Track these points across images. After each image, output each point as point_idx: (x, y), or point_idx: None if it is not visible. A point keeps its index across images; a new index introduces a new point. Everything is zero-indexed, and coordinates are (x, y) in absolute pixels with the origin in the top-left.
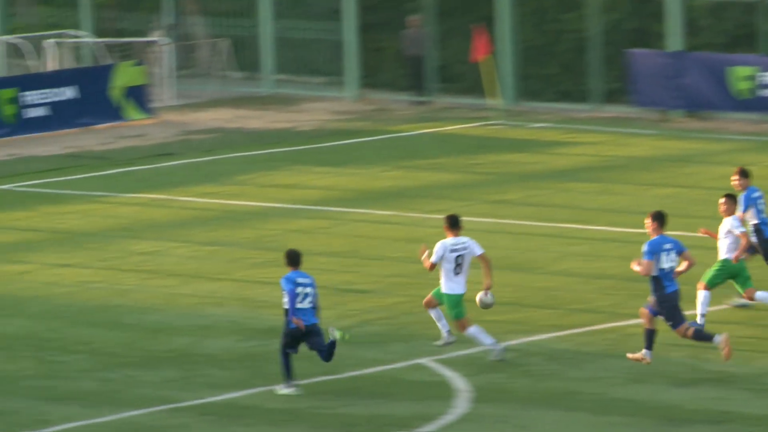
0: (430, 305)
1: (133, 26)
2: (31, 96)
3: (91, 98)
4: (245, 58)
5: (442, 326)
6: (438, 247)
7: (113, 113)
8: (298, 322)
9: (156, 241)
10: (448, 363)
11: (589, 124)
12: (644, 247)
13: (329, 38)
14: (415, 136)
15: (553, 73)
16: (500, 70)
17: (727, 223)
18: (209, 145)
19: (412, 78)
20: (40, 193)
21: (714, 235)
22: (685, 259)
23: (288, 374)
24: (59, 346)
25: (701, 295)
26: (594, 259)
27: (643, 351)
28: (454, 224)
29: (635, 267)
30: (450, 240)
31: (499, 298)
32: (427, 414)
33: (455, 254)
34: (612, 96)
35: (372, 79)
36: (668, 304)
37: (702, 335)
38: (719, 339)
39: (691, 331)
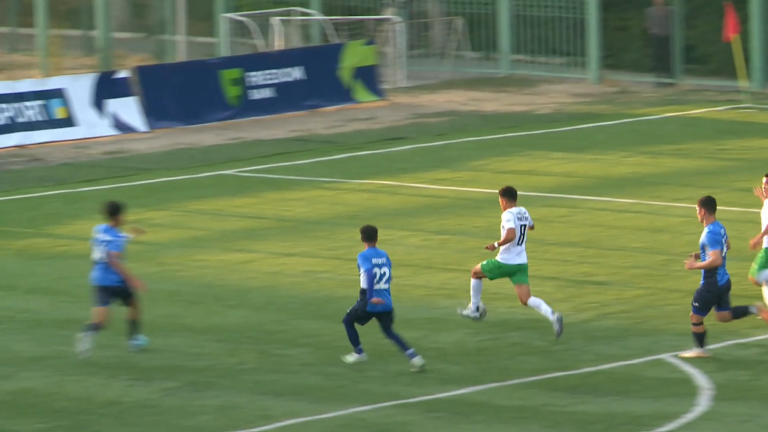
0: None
1: (363, 3)
2: (257, 77)
3: (319, 79)
4: (481, 38)
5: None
6: (508, 215)
7: (342, 95)
8: (378, 301)
9: (385, 230)
10: (690, 359)
11: None
12: (707, 237)
13: (569, 16)
14: (659, 120)
15: None
16: (749, 51)
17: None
18: (442, 129)
19: (656, 58)
20: (265, 179)
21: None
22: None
23: (355, 342)
24: (283, 338)
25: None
26: None
27: None
28: (513, 196)
29: (696, 263)
30: (515, 209)
31: (743, 290)
32: (667, 412)
33: (521, 223)
34: None
35: (614, 59)
36: (714, 294)
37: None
38: (754, 309)
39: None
